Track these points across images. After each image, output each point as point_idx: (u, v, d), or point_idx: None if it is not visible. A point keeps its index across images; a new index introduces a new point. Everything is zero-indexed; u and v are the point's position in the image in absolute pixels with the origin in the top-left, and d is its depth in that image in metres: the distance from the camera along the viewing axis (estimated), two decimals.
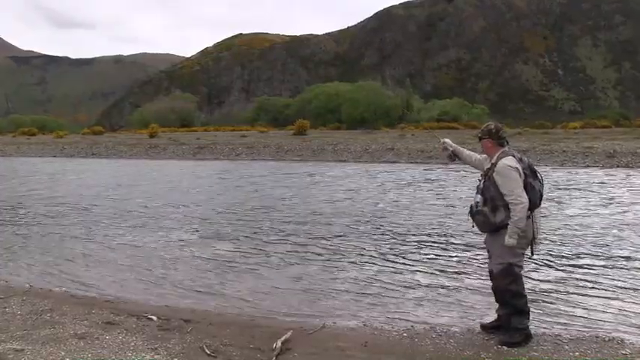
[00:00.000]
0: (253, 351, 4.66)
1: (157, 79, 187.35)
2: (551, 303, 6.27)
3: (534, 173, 4.86)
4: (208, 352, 4.60)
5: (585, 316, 5.85)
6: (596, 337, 5.14)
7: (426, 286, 7.00)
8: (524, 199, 4.66)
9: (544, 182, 5.02)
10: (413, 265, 8.05)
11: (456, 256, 8.51)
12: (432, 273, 7.63)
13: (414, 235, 10.24)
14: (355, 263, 8.24)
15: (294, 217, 12.44)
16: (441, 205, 14.01)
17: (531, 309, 5.90)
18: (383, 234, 10.41)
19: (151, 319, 5.53)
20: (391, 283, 7.16)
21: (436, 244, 9.43)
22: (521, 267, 4.95)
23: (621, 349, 4.83)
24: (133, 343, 4.76)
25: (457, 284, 7.01)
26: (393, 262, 8.29)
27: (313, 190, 17.91)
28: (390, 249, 9.14)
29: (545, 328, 5.44)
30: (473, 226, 5.13)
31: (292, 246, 9.49)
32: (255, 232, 10.77)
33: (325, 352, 4.71)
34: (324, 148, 35.22)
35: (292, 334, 5.02)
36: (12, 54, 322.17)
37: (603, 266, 7.85)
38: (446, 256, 8.60)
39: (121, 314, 5.69)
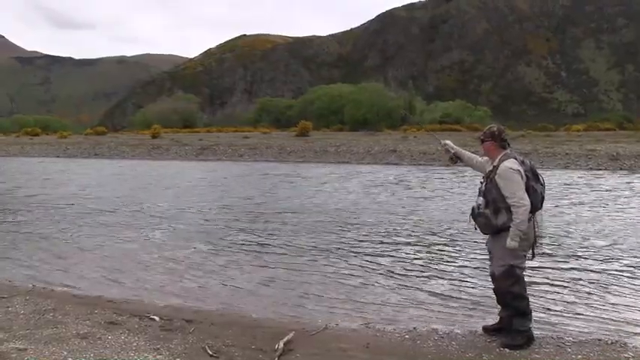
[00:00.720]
0: (255, 352, 4.66)
1: (160, 79, 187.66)
2: (554, 305, 6.26)
3: (536, 176, 4.85)
4: (210, 353, 4.60)
5: (588, 318, 5.84)
6: (599, 340, 5.13)
7: (428, 288, 7.00)
8: (527, 201, 4.66)
9: (545, 185, 4.99)
10: (414, 268, 8.05)
11: (457, 259, 8.51)
12: (433, 275, 7.63)
13: (415, 238, 10.23)
14: (357, 265, 8.24)
15: (297, 218, 12.45)
16: (451, 206, 14.00)
17: (534, 311, 5.91)
18: (384, 237, 10.41)
19: (154, 320, 5.53)
20: (393, 285, 7.16)
21: (437, 247, 9.43)
22: (523, 269, 4.93)
23: (624, 352, 4.82)
24: (135, 343, 4.77)
25: (459, 286, 7.00)
26: (394, 264, 8.29)
27: (309, 191, 17.92)
28: (392, 251, 9.14)
29: (547, 330, 5.43)
30: (475, 229, 5.12)
31: (294, 248, 9.49)
32: (256, 234, 10.78)
33: (327, 353, 4.71)
34: (326, 149, 35.22)
35: (294, 334, 5.02)
36: (16, 54, 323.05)
37: (606, 269, 7.84)
38: (447, 258, 8.60)
39: (124, 314, 5.69)
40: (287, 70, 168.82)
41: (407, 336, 5.21)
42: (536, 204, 4.78)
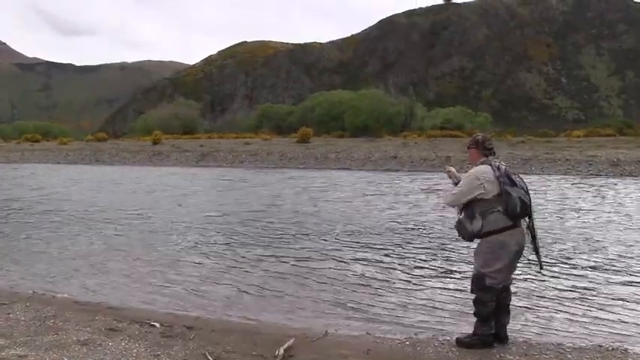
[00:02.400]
0: (256, 358, 4.67)
1: (161, 86, 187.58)
2: (555, 312, 6.27)
3: (512, 181, 4.87)
4: (211, 359, 4.60)
5: (589, 325, 5.84)
6: (600, 346, 5.13)
7: (430, 294, 7.00)
8: (455, 195, 4.96)
9: (527, 190, 4.98)
10: (416, 274, 8.05)
11: (460, 266, 8.51)
12: (434, 283, 7.63)
13: (417, 242, 10.23)
14: (358, 272, 8.24)
15: (293, 225, 12.45)
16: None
17: (535, 318, 5.94)
18: (387, 244, 10.41)
19: (154, 326, 5.54)
20: (394, 292, 7.17)
21: (439, 256, 9.43)
22: (494, 278, 4.92)
23: (625, 358, 4.81)
24: (135, 350, 4.77)
25: (459, 292, 7.00)
26: (394, 270, 8.29)
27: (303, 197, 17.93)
28: (393, 258, 9.14)
29: (548, 337, 5.44)
30: (458, 237, 5.26)
31: (295, 254, 9.49)
32: (255, 240, 10.79)
33: (328, 359, 4.71)
34: (327, 156, 35.24)
35: (295, 341, 5.02)
36: (17, 60, 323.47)
37: (607, 276, 7.84)
38: (449, 266, 8.60)
39: (124, 321, 5.70)
40: (288, 77, 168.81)
41: (407, 342, 5.21)
42: (514, 208, 4.80)
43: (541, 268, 5.26)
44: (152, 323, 5.62)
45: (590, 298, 6.79)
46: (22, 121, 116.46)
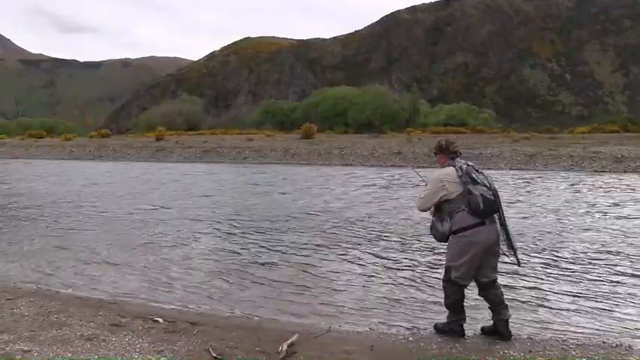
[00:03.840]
0: (259, 354, 4.67)
1: (164, 82, 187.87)
2: (559, 308, 6.25)
3: (474, 180, 4.99)
4: (214, 355, 4.60)
5: (593, 321, 5.83)
6: (603, 342, 5.12)
7: (432, 291, 6.99)
8: (423, 199, 5.14)
9: (492, 187, 5.06)
10: (418, 270, 8.04)
11: None
12: (438, 278, 7.62)
13: (422, 242, 10.22)
14: (362, 267, 8.24)
15: (301, 220, 12.46)
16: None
17: (539, 314, 5.94)
18: (388, 238, 10.41)
19: (158, 322, 5.55)
20: (397, 287, 7.16)
21: (442, 251, 9.42)
22: (459, 272, 5.07)
23: (628, 355, 4.81)
24: (139, 345, 4.78)
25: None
26: (398, 266, 8.29)
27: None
28: (396, 254, 9.13)
29: (551, 333, 5.43)
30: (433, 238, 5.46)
31: (298, 250, 9.49)
32: (258, 235, 10.79)
33: (331, 355, 4.71)
34: (330, 152, 35.23)
35: (298, 337, 5.02)
36: (21, 57, 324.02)
37: (610, 273, 7.82)
38: None
39: (128, 316, 5.71)
40: (291, 73, 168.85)
41: (411, 338, 5.22)
42: (476, 206, 4.92)
43: (519, 264, 5.47)
44: (156, 319, 5.63)
45: (594, 293, 6.77)
46: (26, 118, 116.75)
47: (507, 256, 5.40)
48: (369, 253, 9.11)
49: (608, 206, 14.40)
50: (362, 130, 62.98)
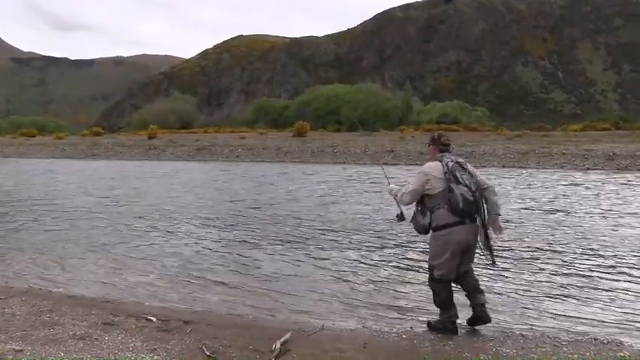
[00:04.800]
0: (252, 352, 4.66)
1: (157, 80, 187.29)
2: (550, 305, 6.28)
3: (457, 179, 5.07)
4: (208, 353, 4.60)
5: (584, 318, 5.86)
6: (595, 339, 5.15)
7: (426, 288, 7.00)
8: (410, 190, 5.19)
9: (477, 188, 5.13)
10: (413, 269, 8.06)
11: None
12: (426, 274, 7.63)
13: (414, 240, 10.24)
14: (355, 265, 8.25)
15: (294, 218, 12.46)
16: None
17: (531, 309, 5.97)
18: (384, 239, 10.42)
19: (151, 320, 5.53)
20: (390, 285, 7.18)
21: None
22: (441, 270, 5.17)
23: (619, 351, 4.83)
24: (132, 344, 4.77)
25: (455, 287, 7.00)
26: (392, 264, 8.30)
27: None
28: (390, 253, 9.15)
29: (543, 329, 5.45)
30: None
31: (291, 248, 9.49)
32: (251, 234, 10.79)
33: (324, 353, 4.71)
34: (323, 150, 35.25)
35: (291, 335, 5.02)
36: (13, 55, 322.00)
37: (603, 269, 7.86)
38: None
39: (121, 315, 5.69)
40: (284, 71, 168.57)
41: (404, 336, 5.22)
42: (455, 205, 5.01)
43: (494, 264, 5.58)
44: (149, 317, 5.61)
45: (586, 291, 6.81)
46: (17, 116, 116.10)
47: (484, 255, 5.46)
48: (364, 254, 9.12)
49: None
50: (355, 128, 62.95)
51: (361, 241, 9.95)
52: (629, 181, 20.14)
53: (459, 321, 5.34)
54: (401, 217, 5.58)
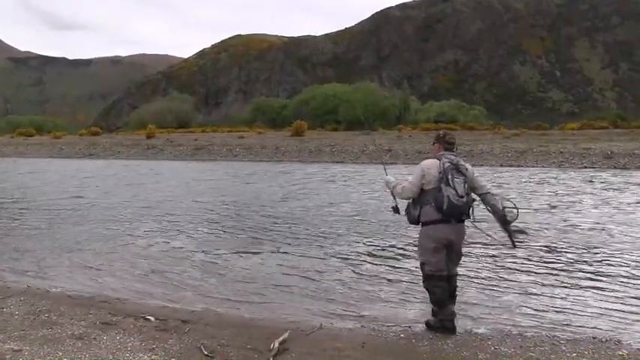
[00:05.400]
0: (251, 351, 4.66)
1: (155, 80, 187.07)
2: (549, 304, 6.28)
3: (447, 180, 5.14)
4: (206, 353, 4.60)
5: (583, 317, 5.86)
6: (594, 337, 5.15)
7: (421, 287, 6.99)
8: (408, 187, 5.31)
9: (466, 193, 5.17)
10: (411, 269, 8.05)
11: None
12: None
13: (413, 241, 10.25)
14: (353, 265, 8.24)
15: (293, 218, 12.45)
16: None
17: (530, 310, 5.96)
18: (374, 235, 10.42)
19: (149, 320, 5.53)
20: (389, 284, 7.17)
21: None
22: (430, 265, 5.24)
23: (618, 350, 4.84)
24: (130, 344, 4.76)
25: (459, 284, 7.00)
26: (390, 262, 8.30)
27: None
28: (388, 252, 9.15)
29: (542, 329, 5.45)
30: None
31: (289, 248, 9.49)
32: (249, 234, 10.78)
33: (323, 352, 4.71)
34: (321, 149, 35.24)
35: (290, 334, 5.02)
36: (10, 55, 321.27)
37: (600, 268, 7.87)
38: None
39: (119, 315, 5.68)
40: (282, 70, 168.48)
41: (402, 335, 5.22)
42: (440, 205, 5.10)
43: (514, 246, 5.68)
44: (147, 317, 5.61)
45: (585, 289, 6.81)
46: (15, 116, 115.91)
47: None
48: (363, 253, 9.11)
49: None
50: (353, 127, 62.93)
51: (360, 241, 9.94)
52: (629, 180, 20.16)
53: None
54: (396, 210, 5.65)
